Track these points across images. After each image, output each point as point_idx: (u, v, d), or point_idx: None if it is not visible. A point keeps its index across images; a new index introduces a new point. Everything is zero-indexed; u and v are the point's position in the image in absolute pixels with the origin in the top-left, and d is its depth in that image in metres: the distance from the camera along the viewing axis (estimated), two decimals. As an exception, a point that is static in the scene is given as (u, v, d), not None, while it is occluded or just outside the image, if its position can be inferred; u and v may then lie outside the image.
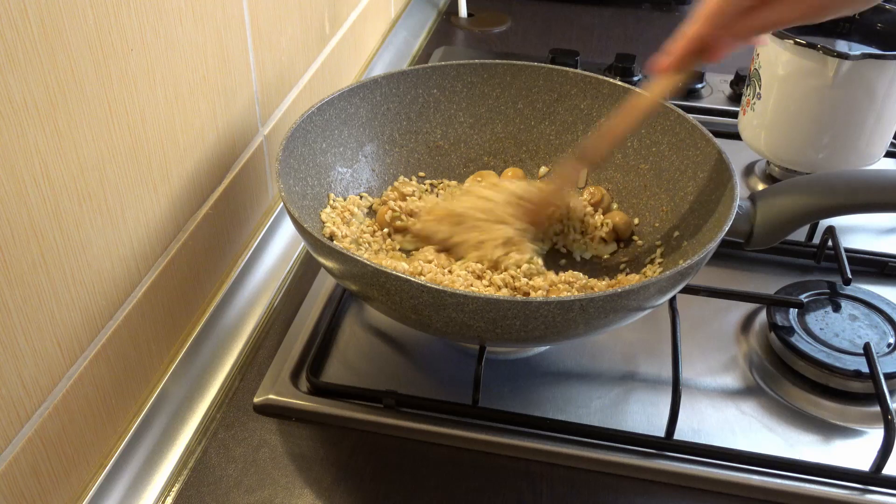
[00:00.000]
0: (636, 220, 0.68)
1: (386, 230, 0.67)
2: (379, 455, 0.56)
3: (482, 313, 0.48)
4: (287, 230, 0.74)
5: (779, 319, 0.64)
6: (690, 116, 0.66)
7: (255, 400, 0.58)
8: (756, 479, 0.54)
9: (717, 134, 0.67)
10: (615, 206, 0.70)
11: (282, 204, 0.73)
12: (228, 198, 0.64)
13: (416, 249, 0.65)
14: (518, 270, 0.60)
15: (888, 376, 0.58)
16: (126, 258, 0.51)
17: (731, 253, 0.73)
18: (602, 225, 0.68)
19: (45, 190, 0.43)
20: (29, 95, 0.40)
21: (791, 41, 0.73)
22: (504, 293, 0.59)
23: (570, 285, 0.60)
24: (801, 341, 0.62)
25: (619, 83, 0.71)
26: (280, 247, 0.73)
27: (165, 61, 0.53)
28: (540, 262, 0.63)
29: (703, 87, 0.99)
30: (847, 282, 0.65)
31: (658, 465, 0.55)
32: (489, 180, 0.71)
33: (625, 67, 0.99)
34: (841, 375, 0.60)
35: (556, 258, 0.68)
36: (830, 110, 0.74)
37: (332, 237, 0.63)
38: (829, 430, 0.58)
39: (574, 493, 0.54)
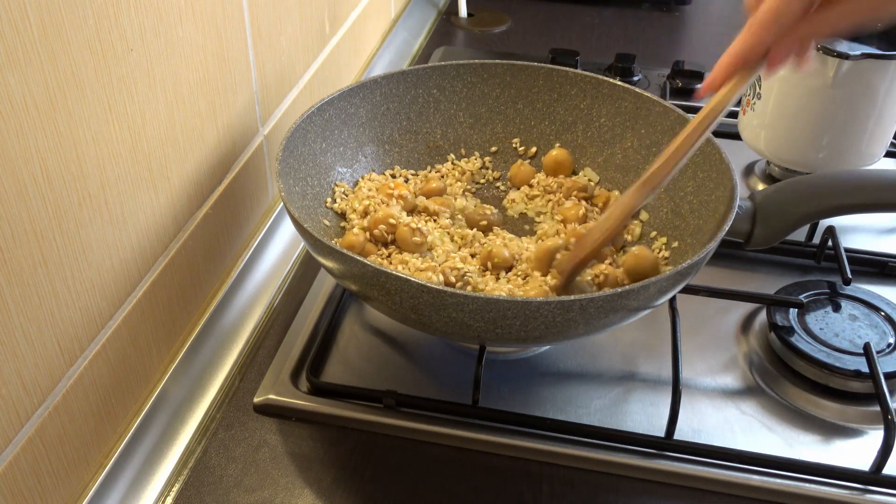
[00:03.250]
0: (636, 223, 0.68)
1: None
2: (379, 455, 0.56)
3: (482, 313, 0.48)
4: (287, 230, 0.74)
5: (779, 319, 0.64)
6: (690, 116, 0.66)
7: (255, 400, 0.58)
8: (756, 479, 0.54)
9: (717, 134, 0.67)
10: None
11: (282, 204, 0.73)
12: (228, 198, 0.64)
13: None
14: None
15: (888, 376, 0.58)
16: (126, 258, 0.51)
17: (731, 253, 0.73)
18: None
19: (45, 190, 0.43)
20: (29, 95, 0.40)
21: (791, 41, 0.73)
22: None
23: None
24: (801, 341, 0.62)
25: (619, 83, 0.71)
26: (280, 247, 0.73)
27: (165, 61, 0.53)
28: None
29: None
30: (847, 282, 0.65)
31: (658, 465, 0.55)
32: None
33: (625, 67, 0.99)
34: (841, 375, 0.60)
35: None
36: (830, 110, 0.74)
37: (343, 213, 0.66)
38: (829, 430, 0.59)
39: (574, 493, 0.54)
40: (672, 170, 0.55)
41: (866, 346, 0.59)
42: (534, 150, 0.74)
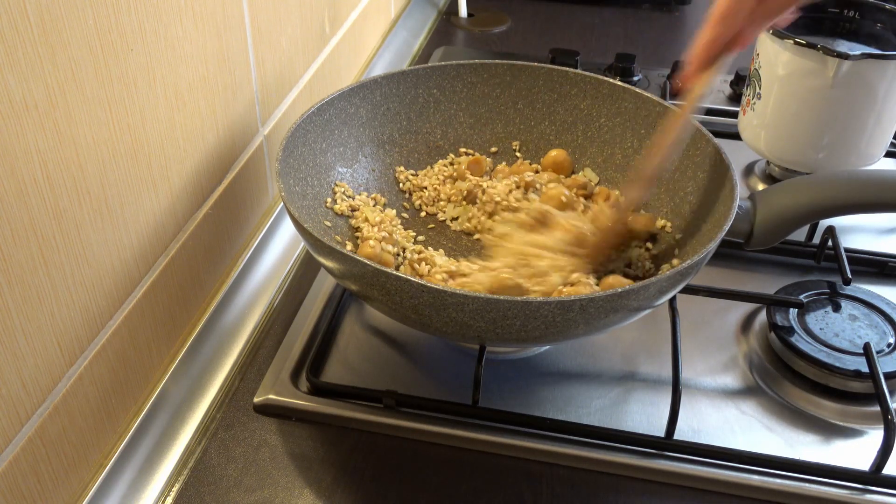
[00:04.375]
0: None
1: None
2: (379, 455, 0.56)
3: (482, 313, 0.48)
4: (287, 230, 0.74)
5: (779, 319, 0.64)
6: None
7: (255, 400, 0.58)
8: (756, 479, 0.54)
9: (717, 134, 0.67)
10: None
11: (282, 204, 0.73)
12: (228, 198, 0.64)
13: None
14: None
15: (888, 376, 0.58)
16: (126, 258, 0.51)
17: (731, 253, 0.73)
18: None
19: (45, 190, 0.43)
20: (29, 95, 0.40)
21: (791, 41, 0.73)
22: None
23: None
24: (801, 341, 0.62)
25: (619, 83, 0.71)
26: (280, 247, 0.73)
27: (165, 61, 0.53)
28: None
29: (703, 87, 0.99)
30: (847, 282, 0.65)
31: (658, 465, 0.55)
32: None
33: (625, 67, 0.99)
34: (841, 375, 0.60)
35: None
36: (830, 110, 0.74)
37: (343, 214, 0.66)
38: (829, 430, 0.59)
39: (574, 493, 0.54)
40: (667, 158, 0.61)
41: (866, 346, 0.59)
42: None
